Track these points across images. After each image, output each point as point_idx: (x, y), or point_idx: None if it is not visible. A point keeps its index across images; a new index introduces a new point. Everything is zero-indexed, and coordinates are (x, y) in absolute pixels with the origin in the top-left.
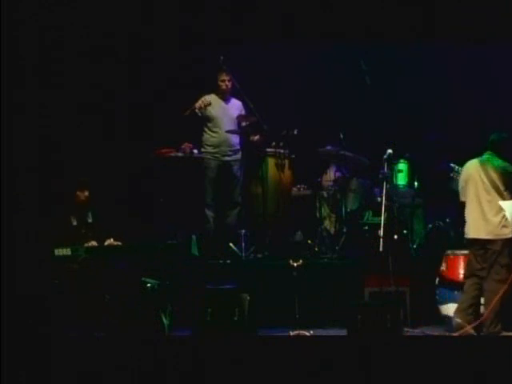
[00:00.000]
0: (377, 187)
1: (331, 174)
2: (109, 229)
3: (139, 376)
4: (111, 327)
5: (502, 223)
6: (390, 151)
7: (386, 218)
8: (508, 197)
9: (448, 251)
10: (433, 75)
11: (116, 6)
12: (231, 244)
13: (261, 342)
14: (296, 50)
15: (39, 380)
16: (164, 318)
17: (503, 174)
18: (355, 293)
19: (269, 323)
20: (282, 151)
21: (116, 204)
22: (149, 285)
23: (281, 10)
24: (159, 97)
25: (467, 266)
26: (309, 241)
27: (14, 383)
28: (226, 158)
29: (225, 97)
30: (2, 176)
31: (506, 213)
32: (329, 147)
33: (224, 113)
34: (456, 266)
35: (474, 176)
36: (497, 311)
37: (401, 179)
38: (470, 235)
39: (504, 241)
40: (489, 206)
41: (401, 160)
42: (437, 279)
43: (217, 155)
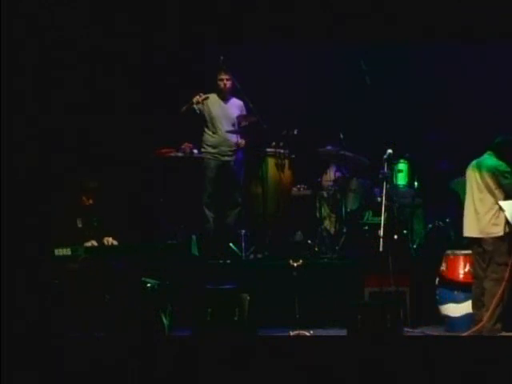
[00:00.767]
0: (377, 187)
1: (331, 174)
2: (109, 228)
3: (139, 376)
4: (111, 327)
5: (492, 221)
6: (390, 151)
7: (386, 218)
8: (500, 196)
9: (448, 251)
10: (433, 75)
11: (116, 6)
12: (231, 244)
13: (261, 342)
14: (296, 50)
15: (39, 380)
16: (164, 318)
17: (494, 173)
18: (355, 293)
19: (269, 323)
20: (282, 151)
21: (116, 204)
22: (149, 285)
23: (281, 10)
24: (159, 97)
25: (473, 267)
26: (309, 241)
27: (14, 383)
28: (226, 158)
29: (224, 96)
30: (2, 176)
31: (506, 213)
32: (329, 147)
33: (224, 113)
34: (456, 266)
35: (471, 175)
36: (495, 311)
37: (401, 179)
38: (465, 234)
39: (495, 239)
40: (480, 205)
41: (401, 160)
42: (437, 279)
43: (216, 155)
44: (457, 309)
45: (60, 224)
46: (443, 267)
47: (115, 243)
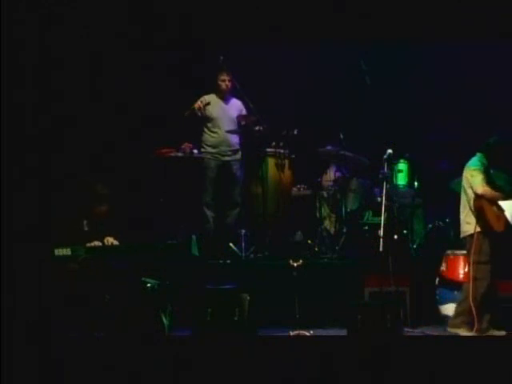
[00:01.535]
0: (377, 187)
1: (331, 174)
2: (109, 228)
3: (139, 376)
4: (111, 327)
5: (466, 220)
6: (390, 151)
7: (386, 218)
8: (471, 195)
9: (448, 251)
10: (433, 75)
11: (116, 6)
12: (231, 244)
13: (261, 342)
14: (296, 50)
15: (39, 380)
16: (164, 318)
17: (467, 172)
18: (355, 293)
19: (269, 323)
20: (282, 151)
21: (116, 204)
22: (149, 285)
23: (281, 10)
24: (159, 97)
25: None
26: (309, 241)
27: (14, 383)
28: (226, 158)
29: (224, 97)
30: (3, 176)
31: (506, 213)
32: (329, 147)
33: (224, 113)
34: (456, 266)
35: (463, 176)
36: (480, 309)
37: (401, 179)
38: None
39: (468, 238)
40: (461, 205)
41: (401, 160)
42: (437, 279)
43: (216, 155)
44: None
45: (65, 225)
46: (443, 267)
47: (116, 243)
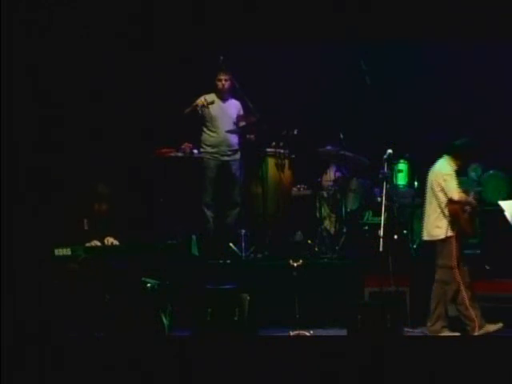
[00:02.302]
0: (377, 187)
1: (331, 174)
2: (109, 228)
3: (139, 376)
4: (111, 327)
5: (436, 224)
6: (390, 151)
7: (386, 218)
8: (442, 198)
9: None
10: (433, 75)
11: (116, 6)
12: (231, 244)
13: (261, 342)
14: (296, 50)
15: (39, 380)
16: (164, 318)
17: (437, 176)
18: (355, 293)
19: (269, 323)
20: (282, 151)
21: (116, 204)
22: (149, 285)
23: (281, 10)
24: (159, 97)
25: None
26: (309, 241)
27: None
28: (225, 158)
29: (223, 96)
30: (3, 175)
31: (506, 213)
32: (329, 147)
33: (223, 112)
34: None
35: (427, 179)
36: (435, 312)
37: (401, 179)
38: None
39: (438, 242)
40: (428, 207)
41: (401, 160)
42: None
43: (216, 155)
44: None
45: (66, 225)
46: None
47: (116, 243)
